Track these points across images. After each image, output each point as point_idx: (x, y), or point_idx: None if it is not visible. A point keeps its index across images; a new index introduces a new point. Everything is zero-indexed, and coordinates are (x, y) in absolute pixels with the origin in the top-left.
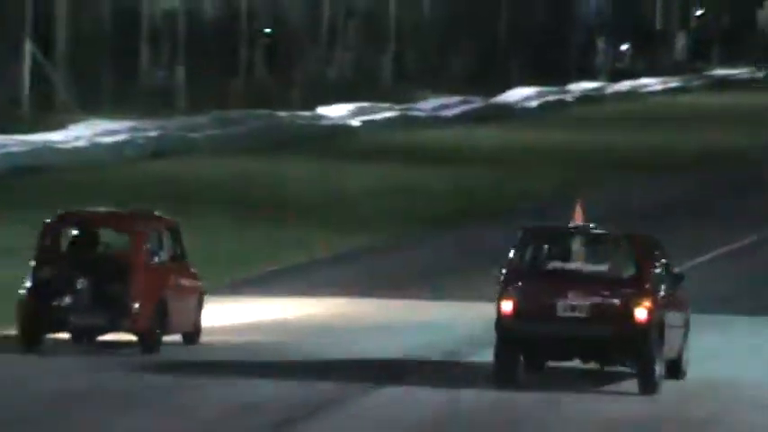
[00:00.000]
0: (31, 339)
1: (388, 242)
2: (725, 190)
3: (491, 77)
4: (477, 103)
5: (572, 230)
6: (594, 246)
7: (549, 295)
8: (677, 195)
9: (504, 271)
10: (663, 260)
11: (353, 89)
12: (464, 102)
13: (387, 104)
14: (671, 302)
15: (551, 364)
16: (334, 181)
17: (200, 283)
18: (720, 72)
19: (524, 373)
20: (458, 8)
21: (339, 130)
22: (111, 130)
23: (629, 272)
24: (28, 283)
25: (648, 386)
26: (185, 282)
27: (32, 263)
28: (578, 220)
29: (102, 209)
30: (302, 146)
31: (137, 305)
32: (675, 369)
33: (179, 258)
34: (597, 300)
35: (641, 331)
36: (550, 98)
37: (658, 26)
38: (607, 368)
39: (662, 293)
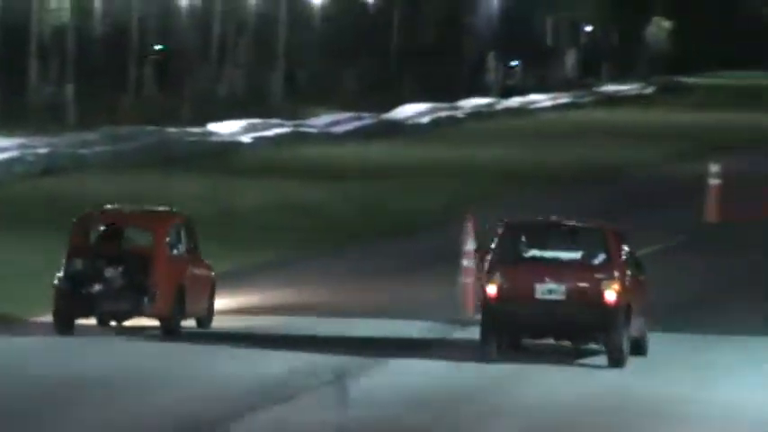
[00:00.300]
0: (63, 324)
1: (279, 256)
2: (614, 203)
3: (383, 94)
4: (368, 119)
5: (548, 223)
6: (569, 236)
7: (529, 279)
8: (566, 209)
9: (488, 259)
10: (628, 249)
11: (244, 106)
12: (356, 118)
13: (278, 121)
14: (635, 287)
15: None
16: (225, 197)
17: (212, 273)
18: (610, 88)
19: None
20: (349, 25)
21: (230, 147)
22: (0, 147)
23: (599, 259)
24: (61, 274)
25: (616, 361)
26: (200, 271)
27: (64, 256)
28: (471, 236)
29: (126, 207)
30: (193, 162)
31: (158, 292)
32: (639, 347)
33: (194, 250)
34: (572, 284)
35: (611, 312)
36: (442, 114)
37: (549, 43)
38: (580, 345)
39: (628, 278)
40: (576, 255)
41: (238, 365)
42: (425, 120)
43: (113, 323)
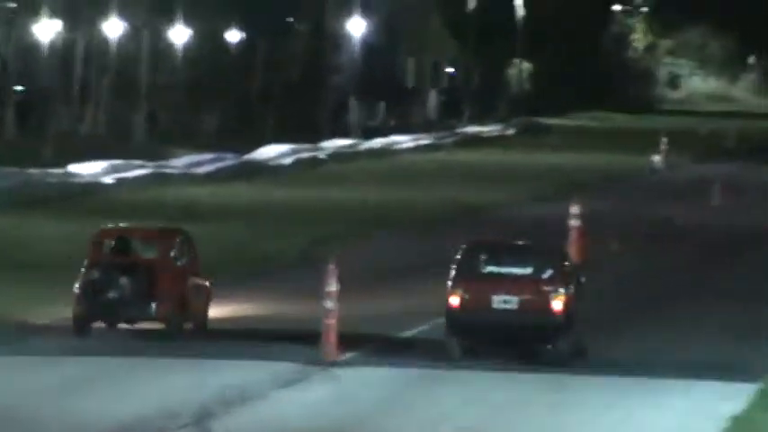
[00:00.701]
0: (81, 327)
1: None
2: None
3: (245, 134)
4: (230, 159)
5: (503, 243)
6: (521, 254)
7: (486, 292)
8: (427, 251)
9: (452, 275)
10: (570, 265)
11: (106, 147)
12: (217, 159)
13: (140, 162)
14: (576, 298)
15: None
16: (86, 239)
17: (208, 283)
18: (471, 129)
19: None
20: (211, 65)
21: (92, 188)
22: None
23: (547, 274)
24: (79, 284)
25: (563, 362)
26: (198, 281)
27: (83, 267)
28: (333, 277)
29: (135, 224)
30: (54, 203)
31: (164, 300)
32: (580, 349)
33: (194, 263)
34: (523, 295)
35: (557, 319)
36: (304, 155)
37: (411, 84)
38: (530, 348)
39: (571, 290)
40: (527, 270)
41: (98, 404)
42: (287, 161)
43: (125, 325)
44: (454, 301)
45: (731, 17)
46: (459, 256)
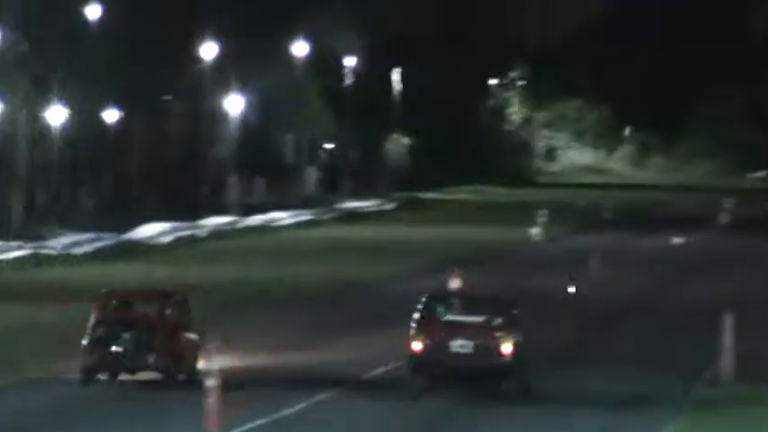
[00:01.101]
0: (88, 377)
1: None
2: (356, 321)
3: (124, 213)
4: (109, 239)
5: (459, 293)
6: (475, 303)
7: (445, 337)
8: (308, 326)
9: (415, 323)
10: (517, 313)
11: None
12: (96, 238)
13: (18, 243)
14: (523, 342)
15: None
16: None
17: (199, 337)
18: (351, 205)
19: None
20: (90, 145)
21: None
22: None
23: (498, 320)
24: (87, 339)
25: (519, 396)
26: (191, 336)
27: (90, 323)
28: (214, 356)
29: (134, 288)
30: None
31: (162, 352)
32: (526, 385)
33: (187, 319)
34: (478, 340)
35: (508, 361)
36: (184, 233)
37: (289, 160)
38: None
39: (519, 336)
40: (481, 318)
41: None
42: (167, 239)
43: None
44: (417, 346)
45: (606, 90)
46: (420, 306)
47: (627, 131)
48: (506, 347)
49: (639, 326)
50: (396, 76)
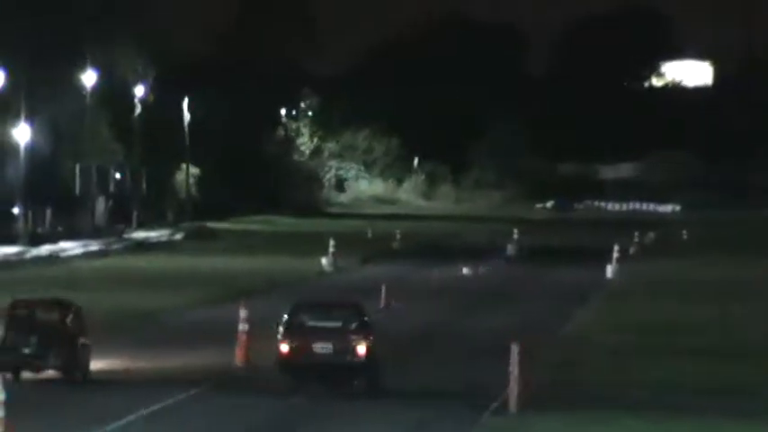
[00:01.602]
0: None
1: None
2: (146, 348)
3: None
4: None
5: (319, 303)
6: (333, 311)
7: (309, 340)
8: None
9: (281, 327)
10: (368, 319)
11: None
12: None
13: None
14: (374, 345)
15: None
16: None
17: (89, 341)
18: (140, 235)
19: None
20: None
21: None
22: None
23: (353, 325)
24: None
25: (370, 389)
26: (84, 340)
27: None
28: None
29: (36, 298)
30: None
31: (63, 354)
32: (376, 383)
33: (82, 326)
34: (337, 342)
35: (363, 361)
36: None
37: (77, 190)
38: (342, 386)
39: (372, 338)
40: (339, 323)
41: None
42: None
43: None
44: (284, 348)
45: (394, 121)
46: (286, 314)
47: (415, 162)
48: (361, 349)
49: (431, 354)
50: (185, 105)
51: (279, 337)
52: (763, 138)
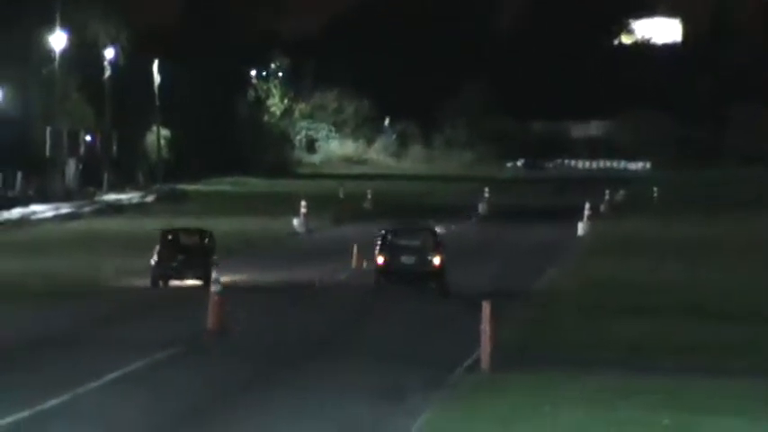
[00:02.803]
0: (156, 285)
1: None
2: (119, 311)
3: None
4: None
5: (403, 227)
6: (413, 233)
7: (398, 253)
8: (64, 323)
9: (378, 246)
10: (440, 239)
11: None
12: None
13: None
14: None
15: None
16: None
17: (218, 259)
18: (111, 197)
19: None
20: None
21: None
22: None
23: (430, 242)
24: (155, 258)
25: (443, 295)
26: (215, 258)
27: (156, 248)
28: None
29: (181, 226)
30: None
31: (201, 268)
32: (444, 285)
33: (214, 247)
34: (419, 255)
35: (438, 269)
36: None
37: (48, 153)
38: (424, 287)
39: (443, 254)
40: (419, 242)
41: None
42: None
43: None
44: (380, 259)
45: (364, 81)
46: (380, 237)
47: (386, 122)
48: (436, 261)
49: (401, 315)
50: (155, 68)
51: (376, 252)
52: (734, 96)
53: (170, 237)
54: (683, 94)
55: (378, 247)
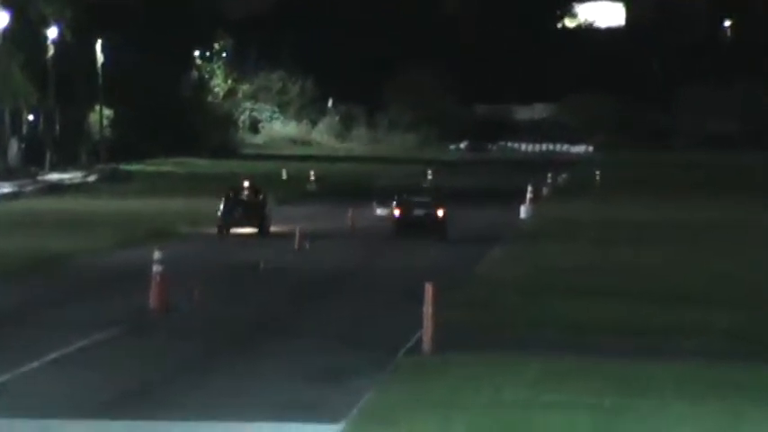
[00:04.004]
0: (221, 232)
1: None
2: (62, 292)
3: None
4: None
5: (416, 188)
6: (423, 192)
7: (411, 208)
8: (5, 304)
9: (395, 203)
10: (443, 196)
11: None
12: None
13: None
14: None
15: None
16: None
17: (271, 211)
18: (54, 177)
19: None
20: None
21: None
22: None
23: (436, 198)
24: (221, 208)
25: (442, 237)
26: (269, 210)
27: (221, 202)
28: None
29: (241, 184)
30: None
31: (257, 218)
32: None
33: (268, 201)
34: (427, 209)
35: (442, 219)
36: None
37: None
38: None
39: (445, 208)
40: (428, 199)
41: None
42: None
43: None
44: (396, 212)
45: (308, 62)
46: (397, 195)
47: (329, 103)
48: (440, 213)
49: (346, 297)
50: (98, 47)
51: (393, 206)
52: (677, 80)
53: (231, 193)
54: (627, 78)
55: (395, 203)
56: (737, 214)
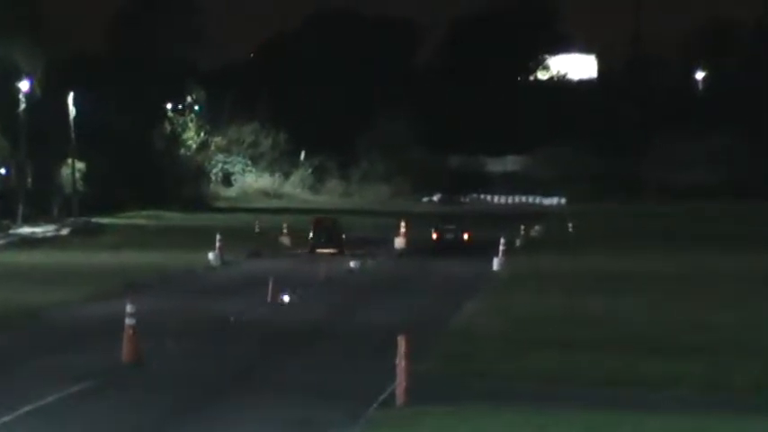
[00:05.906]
0: (312, 251)
1: None
2: (32, 347)
3: None
4: None
5: (446, 216)
6: (452, 220)
7: (444, 233)
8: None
9: (433, 229)
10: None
11: None
12: None
13: None
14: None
15: None
16: None
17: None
18: (26, 230)
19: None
20: None
21: None
22: None
23: (463, 225)
24: (311, 235)
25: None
26: (344, 236)
27: (311, 231)
28: None
29: (324, 215)
30: None
31: (337, 242)
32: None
33: (343, 229)
34: (456, 234)
35: (468, 240)
36: None
37: None
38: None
39: (470, 233)
40: (455, 226)
41: None
42: None
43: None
44: (434, 236)
45: (280, 114)
46: (434, 224)
47: (302, 156)
48: (465, 236)
49: (319, 349)
50: (70, 99)
51: (432, 231)
52: (649, 132)
53: (316, 222)
54: (599, 129)
55: (433, 230)
56: (709, 264)
